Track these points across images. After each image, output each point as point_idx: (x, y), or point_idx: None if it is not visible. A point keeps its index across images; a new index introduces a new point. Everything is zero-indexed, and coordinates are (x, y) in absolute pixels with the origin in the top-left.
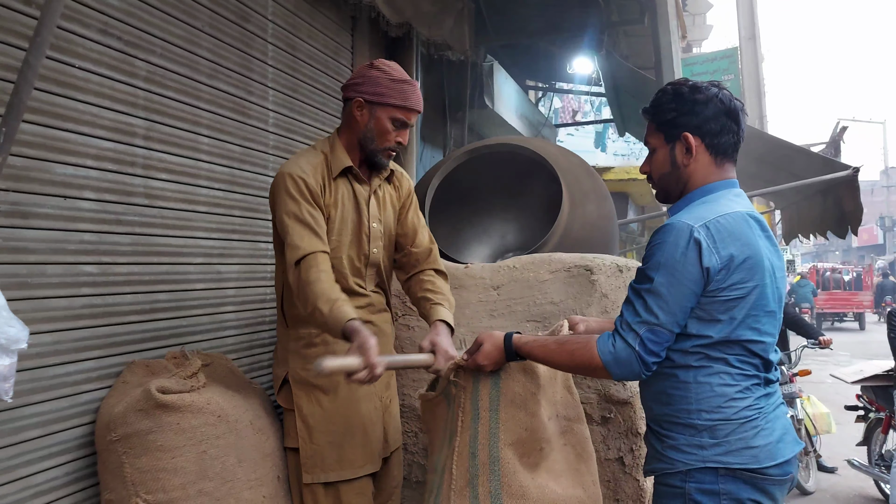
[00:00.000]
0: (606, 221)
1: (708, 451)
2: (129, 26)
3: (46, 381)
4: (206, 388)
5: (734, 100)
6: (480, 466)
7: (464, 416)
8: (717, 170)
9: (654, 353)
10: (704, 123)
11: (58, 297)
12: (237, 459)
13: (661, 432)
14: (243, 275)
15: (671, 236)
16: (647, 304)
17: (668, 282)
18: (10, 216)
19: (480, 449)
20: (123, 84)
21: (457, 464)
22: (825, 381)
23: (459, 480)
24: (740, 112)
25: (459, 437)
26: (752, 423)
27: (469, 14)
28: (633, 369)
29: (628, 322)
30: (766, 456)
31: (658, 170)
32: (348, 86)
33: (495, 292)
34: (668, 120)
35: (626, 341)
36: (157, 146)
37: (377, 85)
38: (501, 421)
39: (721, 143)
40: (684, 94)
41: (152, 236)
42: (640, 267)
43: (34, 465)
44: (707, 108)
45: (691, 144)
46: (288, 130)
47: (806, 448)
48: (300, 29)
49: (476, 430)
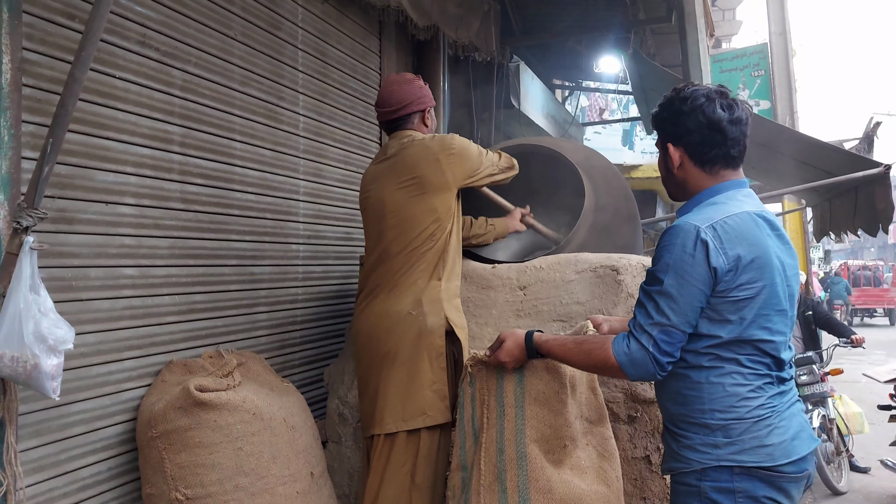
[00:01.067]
0: (630, 221)
1: (722, 450)
2: (166, 37)
3: (90, 380)
4: (241, 387)
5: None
6: (508, 462)
7: (489, 412)
8: (711, 177)
9: (668, 353)
10: (686, 135)
11: (100, 299)
12: (271, 456)
13: (677, 432)
14: (275, 276)
15: (679, 238)
16: (659, 305)
17: (678, 283)
18: (56, 222)
19: (507, 445)
20: (161, 93)
21: (484, 460)
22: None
23: (488, 476)
24: (725, 123)
25: (486, 434)
26: (765, 422)
27: (495, 15)
28: (647, 370)
29: (641, 324)
30: (781, 453)
31: (661, 171)
32: (411, 102)
33: (522, 292)
34: (657, 127)
35: (640, 343)
36: (192, 152)
37: (430, 93)
38: (527, 418)
39: (707, 155)
40: (672, 102)
41: (189, 239)
42: (649, 269)
43: (80, 460)
44: (688, 119)
45: (672, 154)
46: (318, 134)
47: (838, 448)
48: (329, 35)
49: (502, 426)
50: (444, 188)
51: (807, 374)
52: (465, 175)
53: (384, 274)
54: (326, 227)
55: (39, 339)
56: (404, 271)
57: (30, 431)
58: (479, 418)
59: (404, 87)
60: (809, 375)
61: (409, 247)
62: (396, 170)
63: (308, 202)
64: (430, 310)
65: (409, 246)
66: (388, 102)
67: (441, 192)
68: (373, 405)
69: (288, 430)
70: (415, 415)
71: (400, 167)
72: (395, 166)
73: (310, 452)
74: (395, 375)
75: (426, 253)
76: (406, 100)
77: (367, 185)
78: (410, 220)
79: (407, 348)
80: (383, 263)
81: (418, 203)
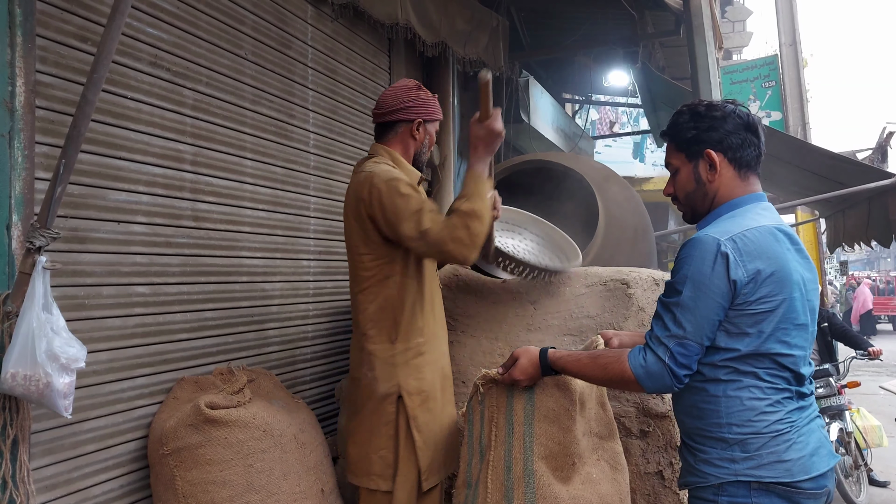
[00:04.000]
0: (643, 235)
1: (739, 465)
2: (177, 58)
3: (102, 398)
4: (251, 403)
5: (752, 115)
6: (515, 480)
7: (497, 430)
8: (742, 183)
9: (685, 365)
10: (725, 138)
11: (113, 317)
12: (282, 473)
13: (694, 446)
14: (286, 292)
15: (698, 250)
16: (676, 317)
17: (696, 295)
18: (69, 241)
19: (515, 463)
20: (173, 113)
21: (491, 477)
22: (876, 393)
23: (495, 494)
24: (759, 125)
25: (493, 452)
26: (783, 437)
27: (504, 31)
28: (664, 382)
29: (658, 336)
30: (800, 469)
31: (683, 189)
32: (402, 108)
33: (532, 307)
34: (689, 138)
35: (657, 355)
36: (203, 171)
37: (427, 105)
38: (535, 435)
39: (744, 157)
40: (702, 113)
41: (200, 257)
42: (668, 280)
43: (92, 478)
44: (726, 123)
45: (714, 160)
46: (328, 151)
47: (856, 461)
48: (339, 53)
49: (511, 445)
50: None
51: (823, 387)
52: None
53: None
54: (337, 243)
55: (52, 358)
56: (354, 314)
57: (42, 450)
58: (486, 436)
59: (399, 90)
60: (826, 388)
61: (352, 288)
62: (348, 194)
63: (319, 218)
64: (381, 374)
65: (352, 287)
66: (378, 104)
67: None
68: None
69: (298, 446)
70: (364, 473)
71: (349, 193)
72: (349, 190)
73: (320, 469)
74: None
75: (368, 306)
76: (394, 104)
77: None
78: (350, 258)
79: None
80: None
81: (352, 242)
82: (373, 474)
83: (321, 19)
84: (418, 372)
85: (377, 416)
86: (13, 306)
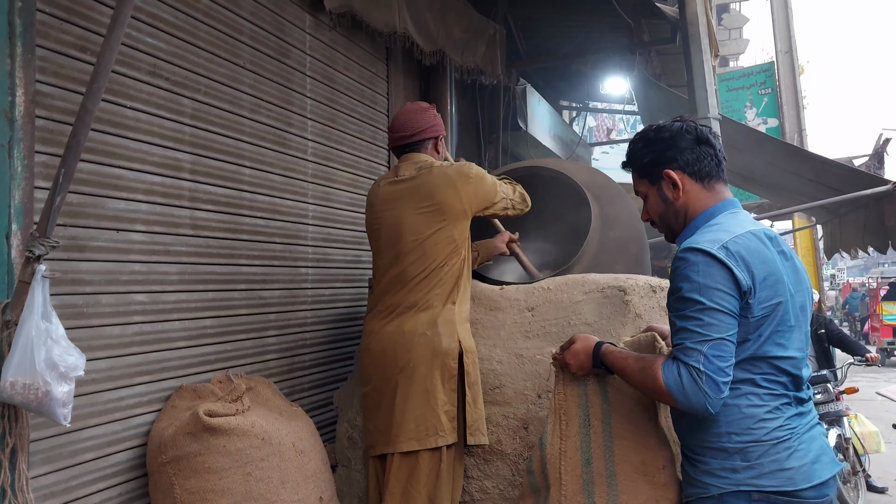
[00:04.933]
0: (636, 241)
1: (741, 475)
2: (176, 67)
3: (101, 406)
4: (250, 412)
5: (700, 127)
6: (596, 476)
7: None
8: (710, 193)
9: (723, 370)
10: (679, 156)
11: (111, 325)
12: (280, 481)
13: (695, 458)
14: (285, 300)
15: (699, 256)
16: (703, 321)
17: (715, 297)
18: (68, 250)
19: (595, 459)
20: (171, 122)
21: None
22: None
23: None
24: (710, 135)
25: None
26: (784, 444)
27: (501, 39)
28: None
29: (688, 346)
30: (802, 478)
31: (655, 212)
32: (429, 128)
33: (530, 313)
34: (646, 163)
35: (690, 365)
36: (202, 179)
37: (441, 123)
38: (615, 437)
39: (703, 168)
40: (651, 137)
41: (198, 265)
42: (677, 296)
43: (90, 486)
44: (677, 141)
45: (675, 178)
46: (326, 159)
47: (854, 467)
48: (337, 61)
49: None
50: (461, 216)
51: (821, 393)
52: (479, 205)
53: (401, 295)
54: (335, 251)
55: (51, 367)
56: (423, 294)
57: (41, 458)
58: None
59: (420, 114)
60: (824, 394)
61: (427, 271)
62: (415, 194)
63: (317, 226)
64: (445, 331)
65: (428, 270)
66: (404, 128)
67: (459, 219)
68: (387, 422)
69: (297, 454)
70: (430, 434)
71: (419, 192)
72: (414, 191)
73: (319, 477)
74: (412, 392)
75: (443, 277)
76: (421, 126)
77: (379, 206)
78: (430, 246)
79: (422, 367)
80: (400, 285)
81: (437, 229)
82: (440, 432)
83: (319, 28)
84: (469, 333)
85: (439, 371)
86: (12, 315)
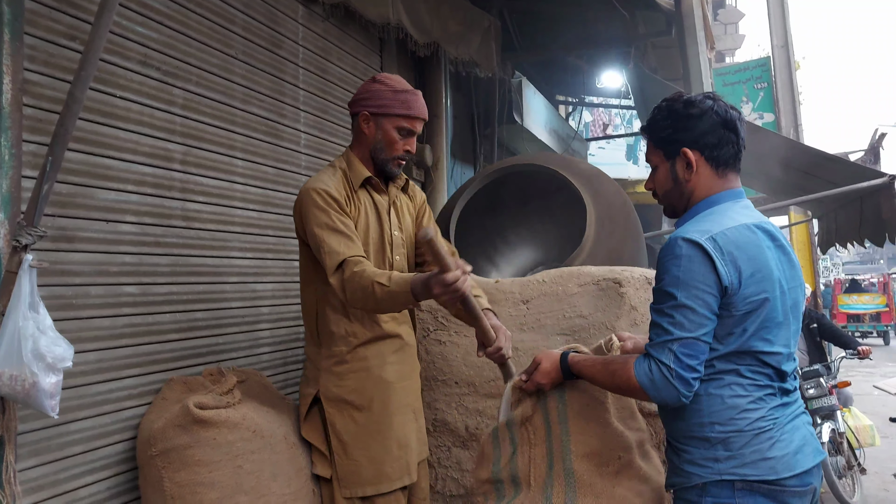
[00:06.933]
0: (633, 236)
1: (723, 464)
2: (167, 56)
3: (90, 398)
4: (241, 404)
5: (731, 110)
6: (555, 477)
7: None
8: (720, 181)
9: (692, 367)
10: (702, 137)
11: (101, 317)
12: (272, 474)
13: (678, 446)
14: (277, 293)
15: (683, 250)
16: (675, 319)
17: (692, 294)
18: (56, 241)
19: (556, 461)
20: (162, 112)
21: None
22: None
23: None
24: (738, 121)
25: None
26: (766, 435)
27: (496, 32)
28: (671, 392)
29: (659, 343)
30: (784, 467)
31: (661, 186)
32: (354, 101)
33: (525, 306)
34: (665, 137)
35: (660, 361)
36: (193, 170)
37: (380, 97)
38: (572, 433)
39: (721, 155)
40: (678, 110)
41: (190, 257)
42: (656, 287)
43: (79, 479)
44: (702, 121)
45: (691, 159)
46: (319, 151)
47: (849, 462)
48: (330, 52)
49: (551, 445)
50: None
51: (814, 388)
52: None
53: None
54: None
55: (38, 358)
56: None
57: (29, 450)
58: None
59: (363, 84)
60: (817, 389)
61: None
62: None
63: None
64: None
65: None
66: None
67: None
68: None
69: (289, 447)
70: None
71: None
72: None
73: (311, 470)
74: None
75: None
76: (353, 98)
77: None
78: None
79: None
80: None
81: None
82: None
83: (312, 19)
84: (339, 379)
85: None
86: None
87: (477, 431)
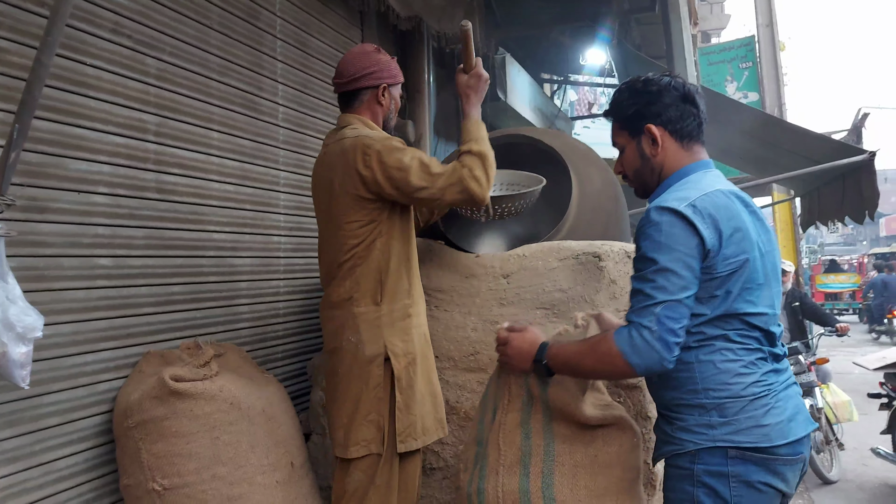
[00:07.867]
0: (616, 211)
1: (717, 431)
2: (140, 25)
3: (65, 371)
4: (218, 377)
5: (688, 84)
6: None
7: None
8: (687, 153)
9: (674, 331)
10: (664, 112)
11: (75, 290)
12: (250, 445)
13: (671, 415)
14: (256, 268)
15: (663, 216)
16: (657, 283)
17: (674, 257)
18: (27, 210)
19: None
20: (135, 82)
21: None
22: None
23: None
24: (696, 94)
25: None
26: (761, 401)
27: (479, 6)
28: (654, 357)
29: (640, 308)
30: (778, 434)
31: (630, 166)
32: (363, 76)
33: (505, 280)
34: (629, 115)
35: (643, 325)
36: (168, 142)
37: (389, 67)
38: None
39: (684, 128)
40: (638, 89)
41: (165, 230)
42: (637, 255)
43: (55, 451)
44: (663, 96)
45: (655, 135)
46: (298, 125)
47: (827, 437)
48: (310, 25)
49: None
50: (365, 200)
51: (794, 364)
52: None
53: (330, 289)
54: (309, 219)
55: (7, 327)
56: (345, 290)
57: (2, 422)
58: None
59: (359, 57)
60: (796, 365)
61: (334, 259)
62: (326, 168)
63: (289, 193)
64: (368, 338)
65: (339, 262)
66: (340, 73)
67: (363, 204)
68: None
69: (267, 420)
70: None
71: (325, 166)
72: (324, 164)
73: (290, 443)
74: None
75: (353, 270)
76: (357, 72)
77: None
78: (332, 229)
79: (347, 376)
80: (328, 277)
81: (338, 212)
82: (362, 441)
83: None
84: (405, 333)
85: (364, 380)
86: None
87: (457, 405)
